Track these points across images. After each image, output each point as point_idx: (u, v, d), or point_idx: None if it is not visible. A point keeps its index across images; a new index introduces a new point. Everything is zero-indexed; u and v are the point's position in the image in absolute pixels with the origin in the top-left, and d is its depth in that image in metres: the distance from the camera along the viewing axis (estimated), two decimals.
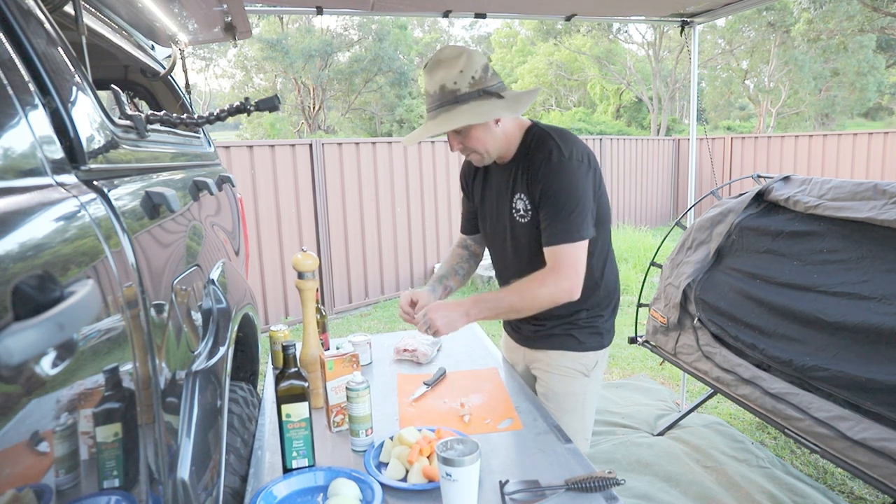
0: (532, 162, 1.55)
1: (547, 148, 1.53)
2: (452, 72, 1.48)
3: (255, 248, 5.24)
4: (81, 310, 0.61)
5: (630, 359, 4.21)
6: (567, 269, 1.51)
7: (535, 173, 1.54)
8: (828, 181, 2.22)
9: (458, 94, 1.48)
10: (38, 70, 0.81)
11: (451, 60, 1.49)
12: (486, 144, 1.56)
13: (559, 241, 1.51)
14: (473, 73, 1.48)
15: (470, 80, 1.48)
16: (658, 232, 8.74)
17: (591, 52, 24.90)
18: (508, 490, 1.20)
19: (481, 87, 1.49)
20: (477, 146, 1.56)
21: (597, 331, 1.71)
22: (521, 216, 1.61)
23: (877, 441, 1.69)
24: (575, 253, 1.52)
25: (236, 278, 1.67)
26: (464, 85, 1.48)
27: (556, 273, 1.52)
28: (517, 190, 1.61)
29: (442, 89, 1.49)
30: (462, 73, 1.48)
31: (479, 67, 1.49)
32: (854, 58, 20.64)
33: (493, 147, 1.58)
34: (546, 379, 1.74)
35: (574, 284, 1.52)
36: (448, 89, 1.48)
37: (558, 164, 1.50)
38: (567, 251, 1.51)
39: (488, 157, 1.61)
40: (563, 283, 1.51)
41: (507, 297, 1.57)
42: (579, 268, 1.52)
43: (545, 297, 1.53)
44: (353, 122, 28.64)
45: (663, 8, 2.95)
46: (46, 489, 0.58)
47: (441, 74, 1.49)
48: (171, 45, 2.03)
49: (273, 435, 1.52)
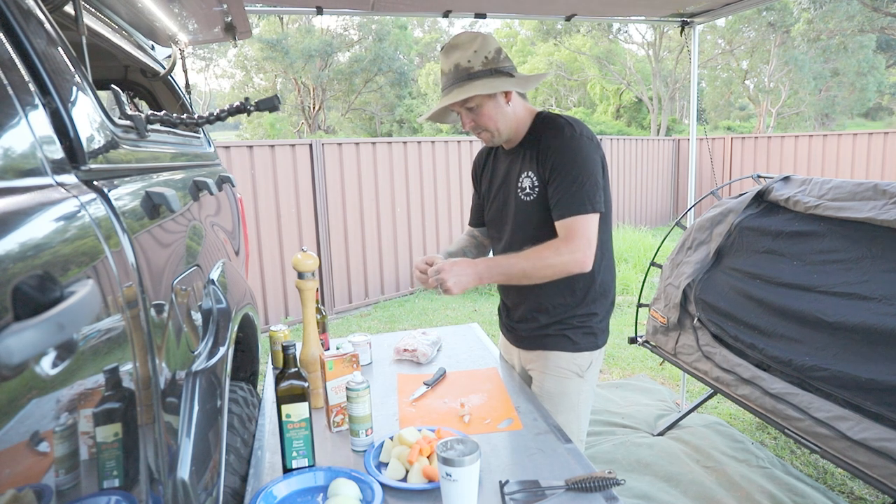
0: (542, 139, 1.60)
1: (558, 125, 1.58)
2: (467, 52, 1.55)
3: (255, 248, 5.24)
4: (81, 310, 0.61)
5: (630, 359, 4.21)
6: (580, 240, 1.52)
7: (545, 149, 1.58)
8: (828, 181, 2.22)
9: (472, 71, 1.55)
10: (39, 70, 0.81)
11: (467, 43, 1.56)
12: (496, 122, 1.60)
13: (572, 212, 1.53)
14: (487, 53, 1.55)
15: (483, 59, 1.55)
16: (658, 232, 8.75)
17: (591, 52, 24.91)
18: (508, 490, 1.20)
19: (494, 66, 1.55)
20: (488, 123, 1.60)
21: (591, 331, 1.71)
22: (527, 194, 1.63)
23: (877, 441, 1.69)
24: (587, 224, 1.53)
25: (236, 278, 1.67)
26: (477, 63, 1.55)
27: (570, 244, 1.53)
28: (524, 169, 1.64)
29: (456, 67, 1.56)
30: (476, 53, 1.55)
31: (492, 49, 1.56)
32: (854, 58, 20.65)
33: (503, 126, 1.62)
34: (541, 379, 1.74)
35: (586, 256, 1.53)
36: (462, 67, 1.55)
37: (570, 138, 1.55)
38: (580, 222, 1.53)
39: (498, 136, 1.64)
40: (576, 253, 1.52)
41: (519, 263, 1.56)
42: (591, 240, 1.54)
43: (558, 266, 1.53)
44: (353, 123, 28.65)
45: (663, 8, 2.95)
46: (46, 489, 0.58)
47: (456, 55, 1.56)
48: (171, 45, 2.03)
49: (273, 435, 1.52)
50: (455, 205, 6.90)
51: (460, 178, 6.87)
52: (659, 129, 23.77)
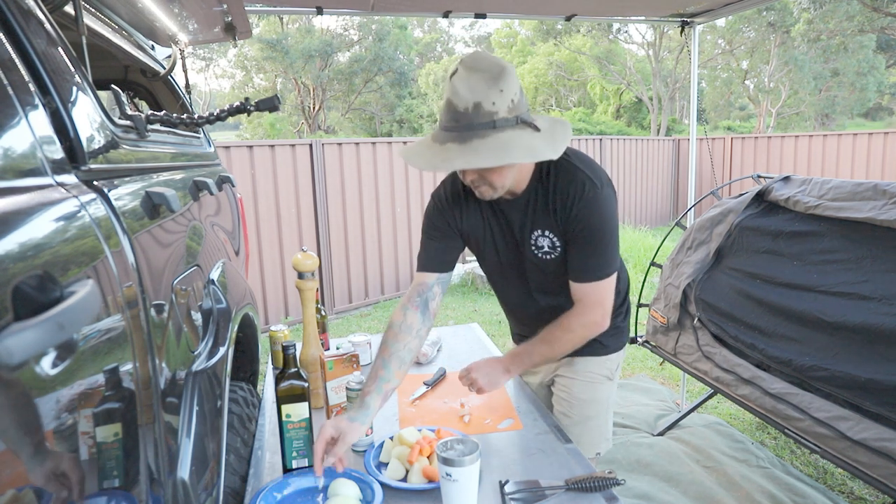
0: (560, 197, 1.40)
1: (578, 181, 1.38)
2: (493, 90, 1.22)
3: (255, 248, 5.24)
4: (81, 310, 0.61)
5: (630, 359, 4.21)
6: (595, 307, 1.45)
7: (567, 211, 1.39)
8: (828, 181, 2.22)
9: (497, 118, 1.23)
10: (39, 70, 0.81)
11: (492, 75, 1.23)
12: (505, 180, 1.35)
13: (589, 279, 1.44)
14: (513, 95, 1.25)
15: (510, 103, 1.24)
16: (658, 232, 8.74)
17: (591, 52, 24.90)
18: (508, 490, 1.20)
19: (518, 113, 1.26)
20: (496, 181, 1.34)
21: (617, 331, 1.68)
22: (546, 253, 1.47)
23: (877, 441, 1.69)
24: (604, 289, 1.45)
25: (236, 278, 1.67)
26: (503, 108, 1.23)
27: (582, 312, 1.46)
28: (537, 226, 1.45)
29: (477, 108, 1.22)
30: (503, 94, 1.23)
31: (517, 89, 1.26)
32: (854, 58, 20.65)
33: (510, 182, 1.38)
34: (569, 386, 1.68)
35: (602, 317, 1.47)
36: (485, 110, 1.22)
37: (594, 199, 1.37)
38: (597, 289, 1.44)
39: (501, 191, 1.39)
40: (589, 318, 1.46)
41: (539, 349, 1.52)
42: (606, 302, 1.46)
43: (576, 340, 1.49)
44: (353, 122, 28.65)
45: (663, 8, 2.95)
46: (46, 489, 0.58)
47: (480, 90, 1.22)
48: (171, 45, 2.03)
49: (273, 435, 1.52)
50: None
51: None
52: (659, 129, 23.77)
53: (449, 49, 40.03)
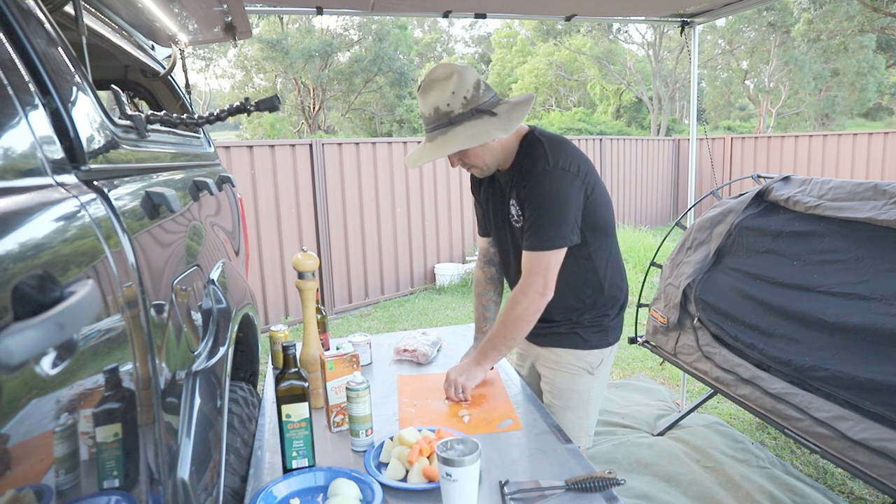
0: (524, 170, 1.59)
1: (535, 156, 1.57)
2: (445, 93, 1.51)
3: (255, 248, 5.24)
4: (81, 310, 0.61)
5: (630, 359, 4.21)
6: (536, 276, 1.56)
7: (522, 181, 1.58)
8: (828, 181, 2.22)
9: (452, 115, 1.52)
10: (39, 70, 0.81)
11: (443, 81, 1.52)
12: (484, 160, 1.61)
13: (531, 247, 1.56)
14: (465, 92, 1.51)
15: (462, 100, 1.51)
16: (658, 232, 8.74)
17: (591, 52, 24.90)
18: (508, 490, 1.20)
19: (474, 105, 1.52)
20: (476, 162, 1.61)
21: (602, 329, 1.73)
22: (516, 221, 1.65)
23: (877, 441, 1.69)
24: (546, 260, 1.55)
25: (236, 278, 1.67)
26: (456, 106, 1.51)
27: (525, 282, 1.58)
28: (511, 196, 1.65)
29: (436, 111, 1.53)
30: (454, 95, 1.51)
31: (470, 86, 1.52)
32: (854, 58, 20.64)
33: (491, 160, 1.62)
34: (551, 376, 1.76)
35: (543, 287, 1.56)
36: (442, 111, 1.52)
37: (543, 172, 1.54)
38: (538, 258, 1.56)
39: (488, 170, 1.66)
40: (531, 287, 1.56)
41: (496, 334, 1.65)
42: (548, 274, 1.56)
43: (525, 314, 1.58)
44: (353, 123, 28.64)
45: (663, 8, 2.95)
46: (46, 489, 0.58)
47: (434, 96, 1.52)
48: (171, 45, 2.03)
49: (273, 435, 1.52)
50: (455, 205, 6.90)
51: (460, 178, 6.87)
52: (659, 129, 23.76)
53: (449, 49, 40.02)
